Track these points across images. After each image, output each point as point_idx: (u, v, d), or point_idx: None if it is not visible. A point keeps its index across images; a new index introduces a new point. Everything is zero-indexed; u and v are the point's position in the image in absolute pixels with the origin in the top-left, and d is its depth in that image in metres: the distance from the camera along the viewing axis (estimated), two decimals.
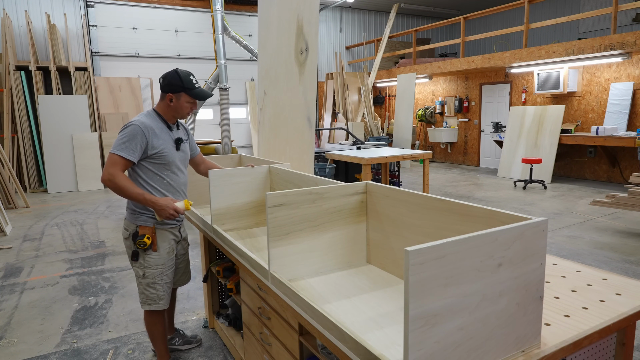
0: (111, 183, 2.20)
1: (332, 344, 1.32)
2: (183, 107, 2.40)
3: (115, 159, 2.22)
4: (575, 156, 9.35)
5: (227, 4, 11.65)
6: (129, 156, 2.24)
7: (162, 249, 2.43)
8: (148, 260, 2.39)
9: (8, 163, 7.40)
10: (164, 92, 2.38)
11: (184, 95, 2.37)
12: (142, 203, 2.26)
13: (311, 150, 3.79)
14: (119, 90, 10.06)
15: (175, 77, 2.34)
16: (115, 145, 2.25)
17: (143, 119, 2.31)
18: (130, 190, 2.22)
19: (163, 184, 2.40)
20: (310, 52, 3.59)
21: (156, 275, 2.41)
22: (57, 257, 4.99)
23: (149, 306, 2.46)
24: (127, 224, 2.41)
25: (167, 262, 2.45)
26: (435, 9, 14.33)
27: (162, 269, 2.43)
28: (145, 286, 2.43)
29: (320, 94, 13.50)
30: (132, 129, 2.26)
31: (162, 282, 2.44)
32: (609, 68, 8.61)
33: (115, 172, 2.20)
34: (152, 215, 2.36)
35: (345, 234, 1.94)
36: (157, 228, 2.40)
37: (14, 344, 3.08)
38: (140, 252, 2.37)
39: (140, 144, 2.26)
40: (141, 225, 2.36)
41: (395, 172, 7.81)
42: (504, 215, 1.33)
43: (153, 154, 2.32)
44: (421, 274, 0.98)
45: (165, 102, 2.39)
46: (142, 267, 2.40)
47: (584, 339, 1.28)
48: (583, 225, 5.78)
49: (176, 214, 2.30)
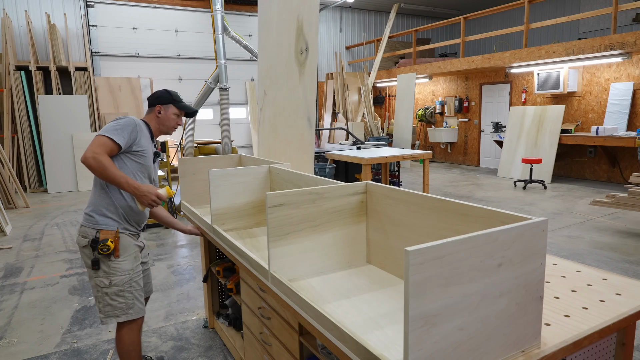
0: (95, 161, 2.07)
1: (332, 344, 1.32)
2: (170, 119, 2.45)
3: (103, 140, 2.13)
4: (575, 156, 9.35)
5: (227, 4, 11.65)
6: (118, 140, 2.16)
7: (127, 254, 2.28)
8: (114, 267, 2.23)
9: (8, 163, 7.40)
10: (152, 105, 2.44)
11: (171, 107, 2.44)
12: (122, 187, 2.14)
13: (311, 150, 3.79)
14: (119, 90, 10.06)
15: (164, 92, 2.46)
16: (105, 129, 2.18)
17: (138, 120, 2.32)
18: (114, 172, 2.10)
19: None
20: (310, 52, 3.59)
21: (125, 282, 2.25)
22: (57, 257, 4.99)
23: (117, 318, 2.26)
24: (85, 231, 2.24)
25: (135, 267, 2.31)
26: (435, 9, 14.33)
27: (131, 274, 2.28)
28: (112, 296, 2.23)
29: (320, 94, 13.50)
30: (128, 120, 2.25)
31: (131, 289, 2.27)
32: (609, 68, 8.61)
33: (101, 152, 2.10)
34: (115, 219, 2.25)
35: (345, 234, 1.94)
36: (121, 232, 2.26)
37: (14, 344, 3.08)
38: (103, 259, 2.21)
39: (130, 136, 2.22)
40: (103, 229, 2.22)
41: (395, 172, 7.81)
42: (504, 215, 1.33)
43: (137, 150, 2.28)
44: (421, 274, 0.98)
45: (153, 114, 2.44)
46: (106, 276, 2.22)
47: (584, 339, 1.28)
48: (583, 225, 5.78)
49: (159, 201, 2.22)
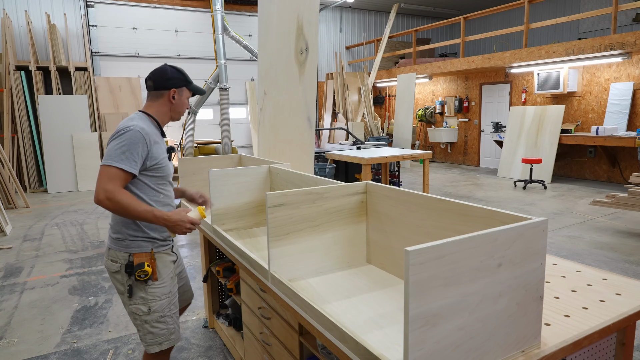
0: (111, 202, 1.77)
1: (332, 344, 1.32)
2: (184, 104, 2.10)
3: (114, 173, 1.79)
4: (575, 156, 9.35)
5: (227, 4, 11.65)
6: (130, 168, 1.82)
7: (164, 275, 2.03)
8: (152, 291, 1.98)
9: (8, 163, 7.40)
10: (165, 89, 2.03)
11: (185, 90, 2.09)
12: (151, 221, 1.86)
13: (311, 150, 3.79)
14: (119, 90, 10.06)
15: (175, 72, 2.05)
16: (110, 154, 1.82)
17: (141, 124, 1.91)
18: (137, 208, 1.80)
19: (159, 199, 2.02)
20: (310, 52, 3.58)
21: (165, 306, 2.02)
22: (57, 257, 4.99)
23: (160, 345, 2.02)
24: (114, 255, 1.97)
25: (172, 288, 2.08)
26: (435, 9, 14.33)
27: (170, 297, 2.05)
28: (152, 323, 1.99)
29: (320, 94, 13.50)
30: (132, 135, 1.84)
31: (170, 312, 2.05)
32: (609, 68, 8.61)
33: (115, 189, 1.78)
34: (147, 237, 1.99)
35: (345, 234, 1.94)
36: (156, 252, 2.02)
37: (14, 344, 3.08)
38: (139, 285, 1.96)
39: (141, 154, 1.87)
40: (136, 252, 1.96)
41: (395, 172, 7.81)
42: (504, 215, 1.33)
43: (152, 165, 1.94)
44: (421, 274, 0.98)
45: (165, 100, 2.04)
46: (144, 303, 1.97)
47: (584, 339, 1.28)
48: (583, 225, 5.78)
49: (193, 227, 1.95)
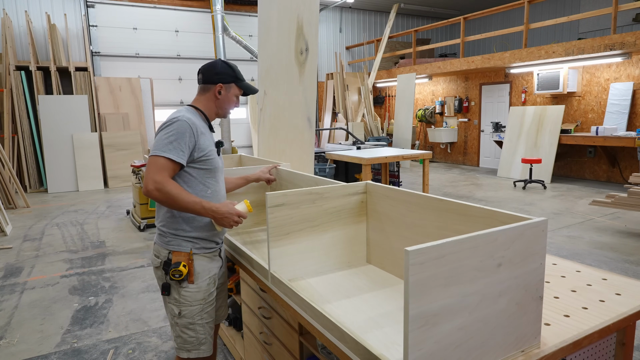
0: (160, 193, 1.74)
1: (332, 343, 1.32)
2: (231, 102, 2.03)
3: (162, 163, 1.77)
4: (575, 156, 9.35)
5: (227, 4, 11.65)
6: (178, 158, 1.79)
7: (201, 280, 1.93)
8: (185, 295, 1.89)
9: (8, 163, 7.40)
10: (212, 83, 1.98)
11: (234, 87, 2.01)
12: (199, 213, 1.82)
13: (311, 150, 3.79)
14: (119, 91, 10.06)
15: (225, 67, 2.00)
16: (158, 145, 1.79)
17: (188, 114, 1.88)
18: (186, 199, 1.77)
19: (207, 194, 1.94)
20: (310, 52, 3.59)
21: (195, 313, 1.92)
22: (58, 257, 4.99)
23: (188, 353, 1.96)
24: (158, 250, 1.94)
25: (207, 296, 1.96)
26: (435, 9, 14.33)
27: (203, 305, 1.94)
28: (182, 328, 1.93)
29: (320, 94, 13.50)
30: (180, 125, 1.81)
31: (202, 321, 1.95)
32: (609, 68, 8.61)
33: (164, 179, 1.75)
34: (187, 236, 1.91)
35: (345, 234, 1.95)
36: (195, 254, 1.93)
37: (14, 344, 3.08)
38: (174, 285, 1.89)
39: (189, 144, 1.83)
40: (175, 250, 1.90)
41: (395, 172, 7.81)
42: (503, 215, 1.33)
43: (200, 157, 1.89)
44: (421, 274, 0.98)
45: (211, 95, 1.99)
46: (177, 304, 1.91)
47: (584, 338, 1.28)
48: (583, 225, 5.78)
49: (241, 220, 1.89)
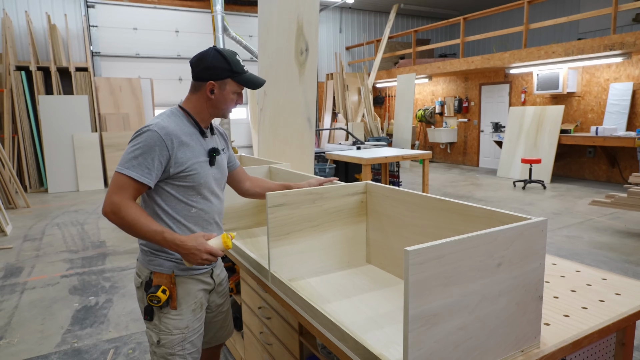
0: (116, 217, 1.49)
1: (332, 343, 1.32)
2: (228, 100, 1.68)
3: (122, 182, 1.50)
4: (575, 156, 9.35)
5: (227, 4, 11.65)
6: (142, 177, 1.52)
7: (185, 306, 1.68)
8: (165, 322, 1.65)
9: (8, 163, 7.41)
10: (202, 80, 1.64)
11: (230, 82, 1.66)
12: (160, 244, 1.54)
13: (311, 151, 3.79)
14: (120, 91, 10.06)
15: (218, 58, 1.62)
16: (122, 159, 1.54)
17: (164, 122, 1.58)
18: (144, 228, 1.50)
19: (190, 214, 1.67)
20: (310, 52, 3.59)
21: (175, 343, 1.66)
22: (58, 257, 4.99)
23: None
24: (140, 268, 1.70)
25: (191, 324, 1.69)
26: (435, 9, 14.34)
27: (185, 334, 1.68)
28: (159, 357, 1.68)
29: (320, 94, 13.51)
30: (148, 136, 1.53)
31: (183, 352, 1.68)
32: (609, 68, 8.62)
33: (122, 201, 1.49)
34: (170, 257, 1.66)
35: (345, 234, 1.95)
36: (178, 276, 1.67)
37: (14, 344, 3.08)
38: (155, 310, 1.65)
39: (160, 159, 1.54)
40: (156, 271, 1.64)
41: (395, 172, 7.81)
42: (503, 215, 1.34)
43: (177, 172, 1.60)
44: (421, 273, 0.98)
45: (202, 95, 1.66)
46: (156, 331, 1.66)
47: (584, 338, 1.28)
48: (582, 225, 5.78)
49: (212, 258, 1.56)
